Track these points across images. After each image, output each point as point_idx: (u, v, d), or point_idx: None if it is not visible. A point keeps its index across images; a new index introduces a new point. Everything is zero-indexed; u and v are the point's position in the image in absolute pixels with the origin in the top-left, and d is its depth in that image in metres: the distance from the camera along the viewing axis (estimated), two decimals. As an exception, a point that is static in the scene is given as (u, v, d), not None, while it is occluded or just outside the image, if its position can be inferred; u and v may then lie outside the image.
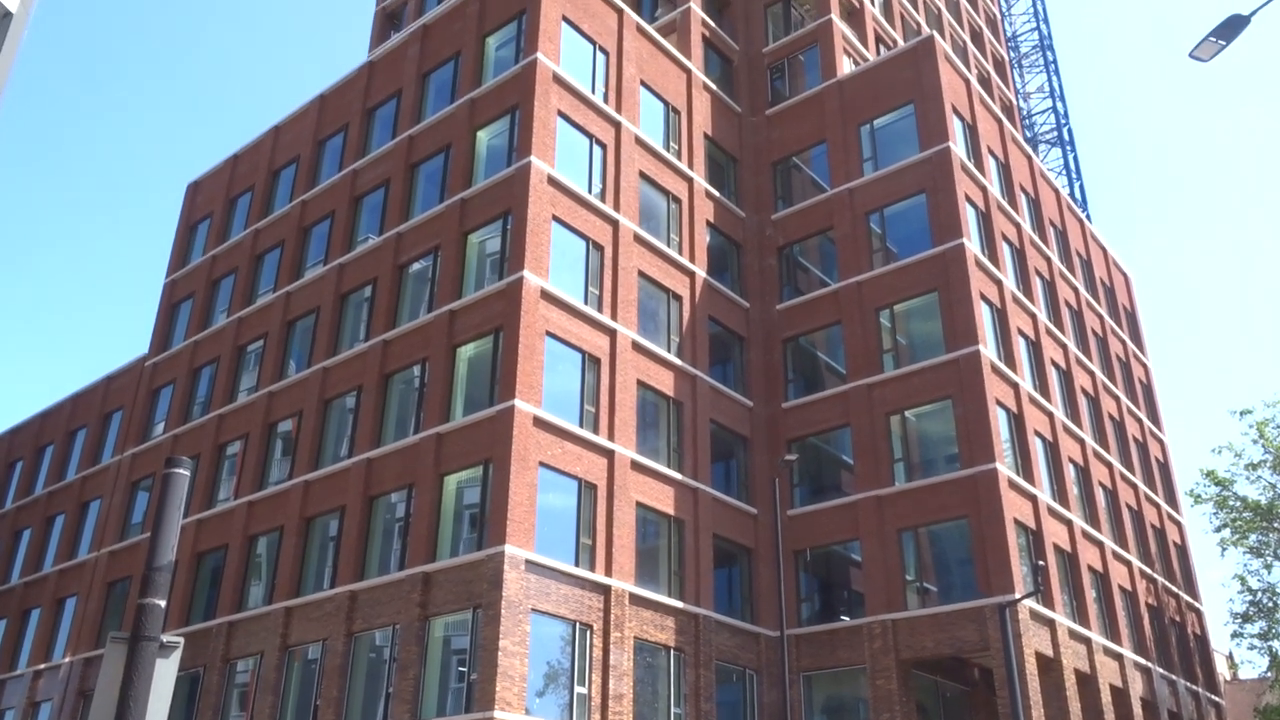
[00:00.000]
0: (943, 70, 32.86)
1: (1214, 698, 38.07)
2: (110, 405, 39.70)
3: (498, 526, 22.10)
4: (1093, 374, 36.88)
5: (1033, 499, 28.52)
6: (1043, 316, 33.97)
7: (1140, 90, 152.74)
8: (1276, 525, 39.45)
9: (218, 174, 39.05)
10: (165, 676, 7.10)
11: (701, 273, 30.87)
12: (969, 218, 31.03)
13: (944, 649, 26.19)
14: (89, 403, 41.17)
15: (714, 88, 34.93)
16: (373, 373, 27.50)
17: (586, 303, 26.46)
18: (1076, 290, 38.16)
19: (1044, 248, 36.16)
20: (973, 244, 30.51)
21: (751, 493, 30.08)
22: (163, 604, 7.19)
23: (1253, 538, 39.80)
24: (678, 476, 27.19)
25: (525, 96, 27.16)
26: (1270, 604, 39.59)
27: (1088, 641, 29.00)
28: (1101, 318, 40.13)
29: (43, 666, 34.96)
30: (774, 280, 33.37)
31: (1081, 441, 33.66)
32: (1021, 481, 28.21)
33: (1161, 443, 42.33)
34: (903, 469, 28.65)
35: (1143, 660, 32.39)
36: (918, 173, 31.63)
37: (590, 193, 27.88)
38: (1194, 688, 36.31)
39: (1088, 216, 54.14)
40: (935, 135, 31.69)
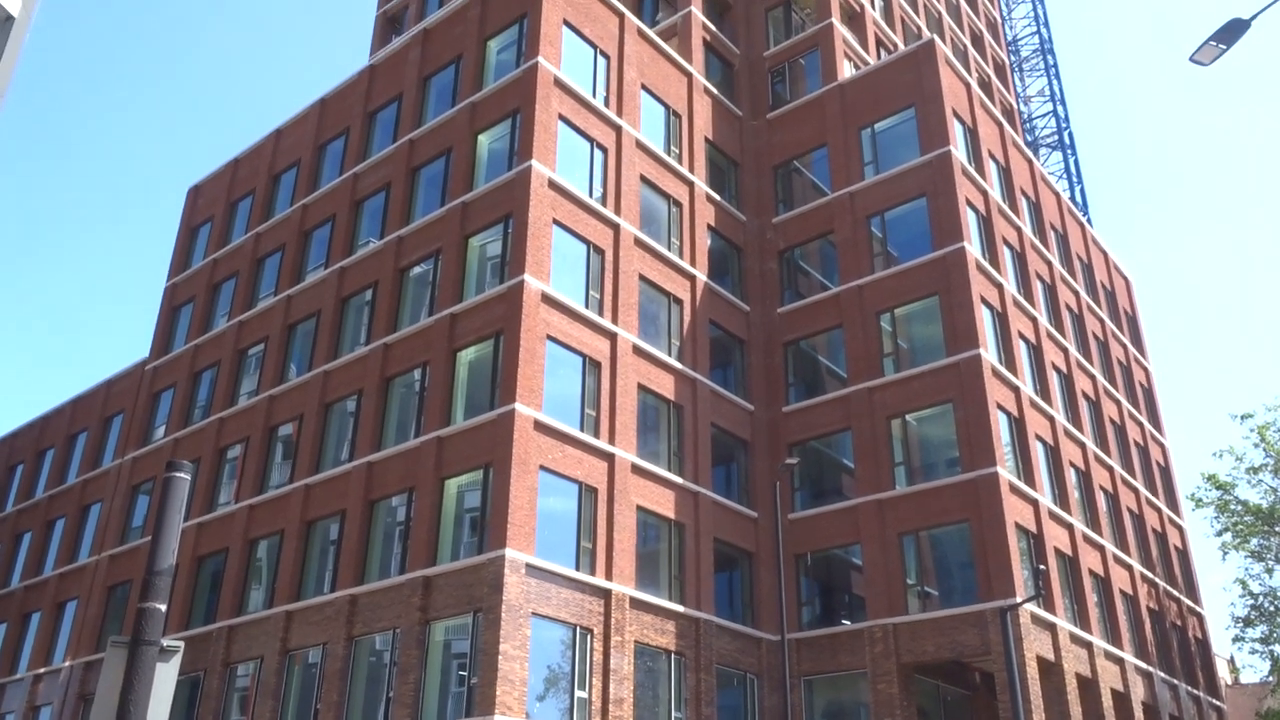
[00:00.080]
0: (943, 74, 32.88)
1: (1215, 702, 38.02)
2: (111, 409, 39.70)
3: (498, 530, 22.09)
4: (1094, 378, 36.86)
5: (1034, 503, 28.49)
6: (1043, 320, 33.97)
7: (1141, 94, 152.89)
8: (1278, 529, 39.40)
9: (218, 178, 39.08)
10: (165, 681, 7.10)
11: (702, 276, 30.88)
12: (970, 221, 31.04)
13: (945, 653, 26.15)
14: (89, 406, 41.17)
15: (715, 91, 34.95)
16: (373, 376, 27.49)
17: (587, 306, 26.46)
18: (1077, 294, 38.16)
19: (1045, 251, 36.16)
20: (973, 248, 30.51)
21: (752, 496, 30.06)
22: (163, 608, 7.18)
23: (1254, 542, 39.75)
24: (678, 480, 27.18)
25: (526, 100, 27.18)
26: (1272, 608, 39.54)
27: (1089, 645, 28.97)
28: (1102, 321, 40.12)
29: (43, 670, 34.92)
30: (775, 284, 33.37)
31: (1082, 445, 33.65)
32: (1022, 485, 28.18)
33: (1162, 446, 42.31)
34: (904, 473, 28.63)
35: (1144, 664, 32.35)
36: (918, 176, 31.64)
37: (591, 196, 27.89)
38: (1195, 692, 36.26)
39: (1088, 220, 54.15)
40: (936, 139, 31.70)
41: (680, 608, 25.74)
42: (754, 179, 35.24)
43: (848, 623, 28.08)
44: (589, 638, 23.11)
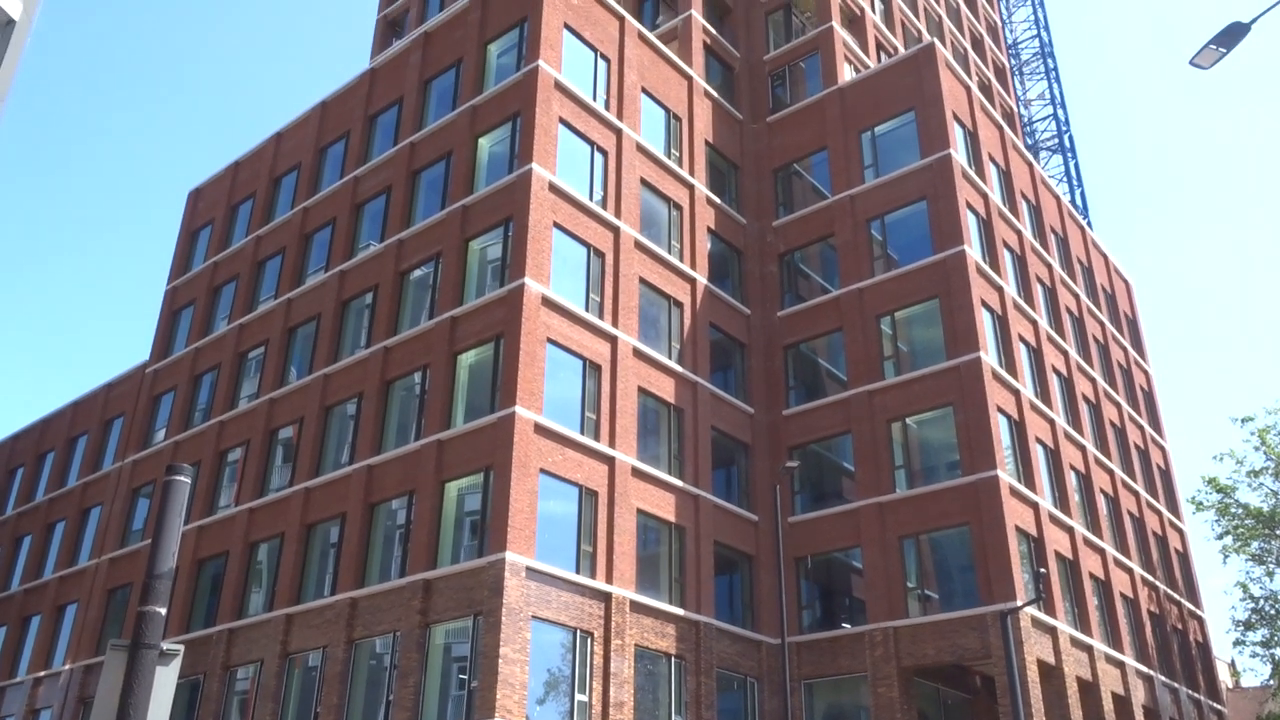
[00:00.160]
0: (944, 77, 32.91)
1: (1216, 705, 37.98)
2: (111, 412, 39.69)
3: (498, 533, 22.08)
4: (1094, 381, 36.86)
5: (1034, 506, 28.48)
6: (1044, 323, 33.97)
7: (1141, 97, 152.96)
8: (1278, 532, 39.39)
9: (219, 181, 39.11)
10: (165, 684, 7.09)
11: (702, 279, 30.88)
12: (970, 224, 31.05)
13: (945, 656, 26.14)
14: (90, 409, 41.16)
15: (715, 95, 34.97)
16: (374, 379, 27.50)
17: (587, 309, 26.47)
18: (1078, 297, 38.17)
19: (1045, 254, 36.17)
20: (974, 251, 30.52)
21: (752, 500, 30.05)
22: (163, 611, 7.18)
23: (1255, 545, 39.75)
24: (678, 483, 27.17)
25: (527, 103, 27.20)
26: (1272, 611, 39.51)
27: (1089, 649, 28.95)
28: (1103, 324, 40.13)
29: (43, 674, 34.90)
30: (775, 287, 33.38)
31: (1083, 448, 33.64)
32: (1023, 488, 28.17)
33: (1163, 449, 42.30)
34: (904, 476, 28.62)
35: (1145, 668, 32.33)
36: (919, 180, 31.66)
37: (591, 199, 27.91)
38: (1196, 695, 36.23)
39: (1089, 223, 54.17)
40: (936, 142, 31.72)
41: (680, 611, 25.72)
42: (754, 182, 35.26)
43: (848, 626, 28.06)
44: (589, 641, 23.09)
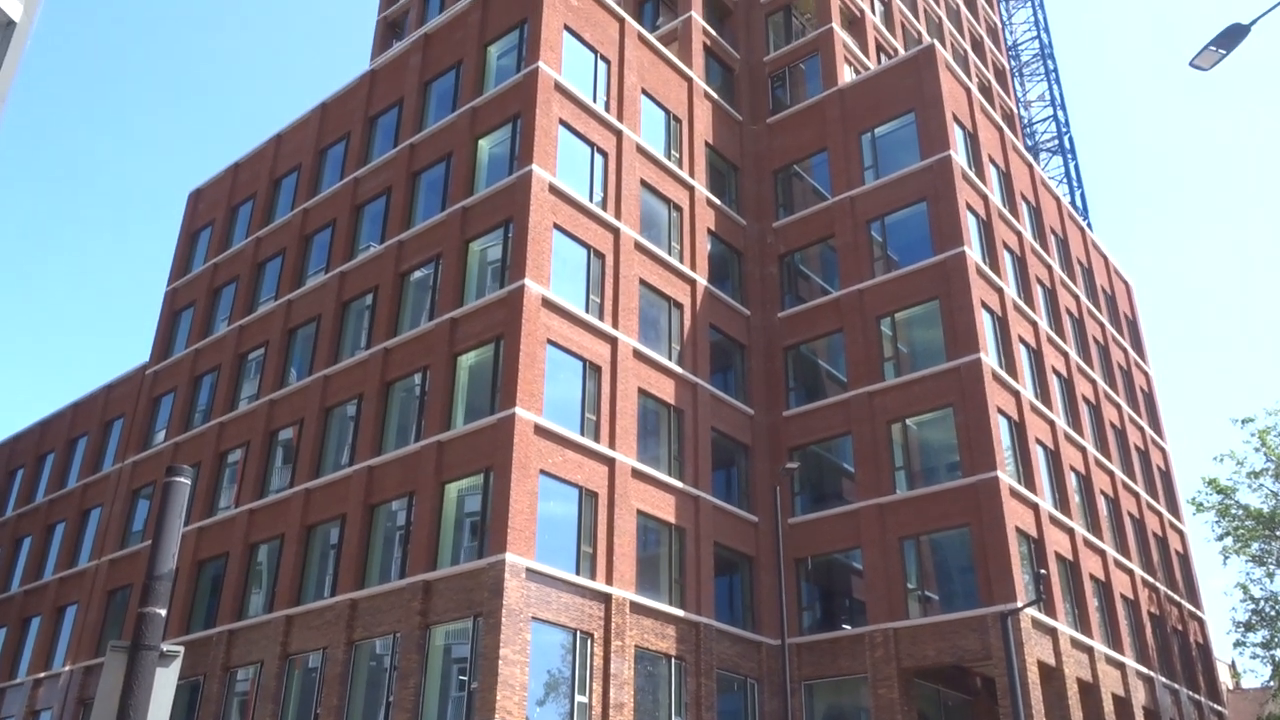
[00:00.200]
0: (943, 79, 32.91)
1: (1217, 707, 37.98)
2: (111, 413, 39.69)
3: (498, 534, 22.08)
4: (1094, 382, 36.86)
5: (1034, 507, 28.48)
6: (1044, 324, 33.97)
7: (1141, 98, 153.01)
8: (1279, 534, 39.38)
9: (219, 182, 39.11)
10: (165, 685, 7.10)
11: (702, 281, 30.89)
12: (970, 226, 31.06)
13: (946, 658, 26.13)
14: (90, 411, 41.16)
15: (715, 96, 34.98)
16: (374, 381, 27.50)
17: (588, 311, 26.47)
18: (1078, 298, 38.17)
19: (1045, 256, 36.17)
20: (974, 252, 30.53)
21: (752, 501, 30.04)
22: (163, 613, 7.18)
23: (1255, 546, 39.75)
24: (679, 484, 27.17)
25: (527, 105, 27.21)
26: (1273, 613, 39.51)
27: (1090, 650, 28.94)
28: (1103, 326, 40.13)
29: (43, 675, 34.89)
30: (775, 288, 33.38)
31: (1083, 450, 33.63)
32: (1023, 490, 28.17)
33: (1163, 451, 42.29)
34: (904, 477, 28.62)
35: (1145, 669, 32.32)
36: (919, 181, 31.66)
37: (591, 201, 27.91)
38: (1196, 697, 36.22)
39: (1089, 224, 54.16)
40: (936, 143, 31.73)
41: (681, 612, 25.72)
42: (754, 183, 35.26)
43: (848, 627, 28.05)
44: (589, 642, 23.08)
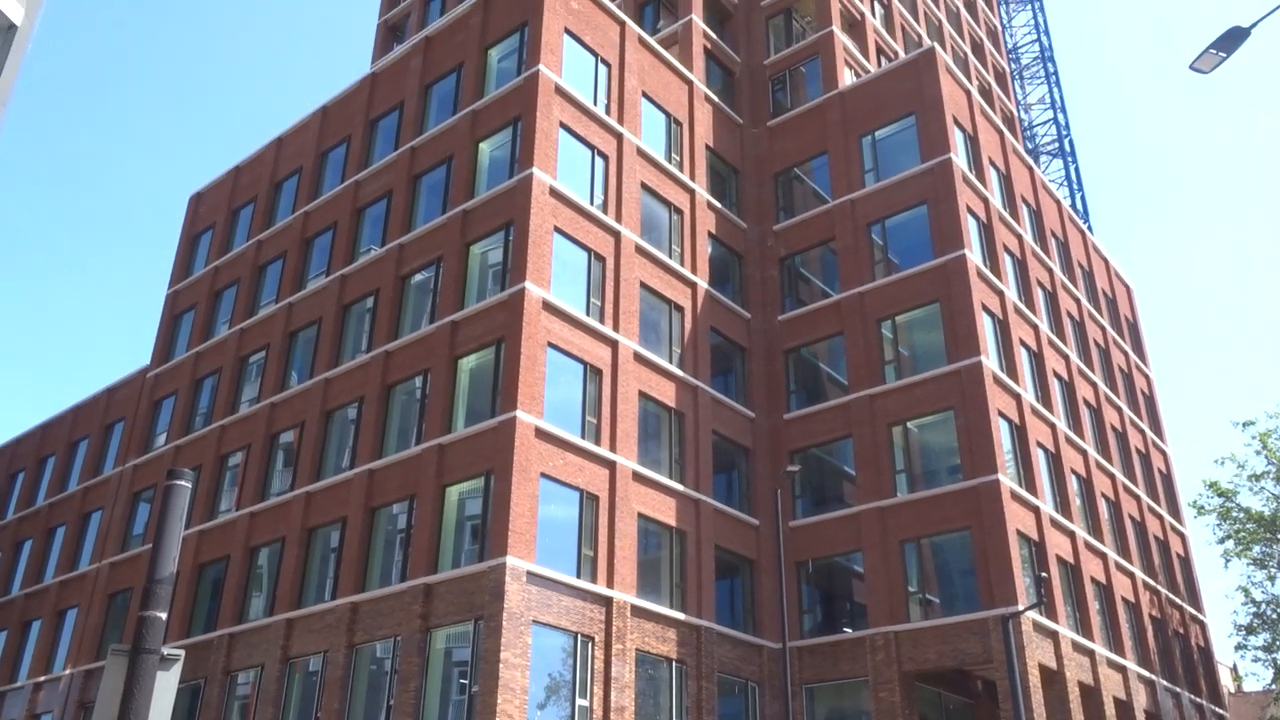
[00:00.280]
0: (944, 81, 32.93)
1: (1218, 710, 37.93)
2: (112, 416, 39.70)
3: (499, 538, 22.06)
4: (1095, 385, 36.85)
5: (1035, 510, 28.46)
6: (1045, 327, 33.96)
7: (1141, 101, 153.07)
8: (1280, 536, 39.36)
9: (220, 185, 39.14)
10: (166, 689, 7.09)
11: (703, 284, 30.89)
12: (970, 229, 31.06)
13: (947, 661, 26.11)
14: (91, 414, 41.17)
15: (715, 99, 35.00)
16: (374, 384, 27.50)
17: (588, 314, 26.47)
18: (1078, 301, 38.16)
19: (1046, 259, 36.17)
20: (974, 255, 30.53)
21: (753, 504, 30.03)
22: (164, 616, 7.18)
23: (1256, 549, 39.72)
24: (679, 488, 27.16)
25: (527, 108, 27.22)
26: (1274, 616, 39.48)
27: (1091, 653, 28.91)
28: (1103, 329, 40.13)
29: (43, 679, 34.87)
30: (776, 291, 33.38)
31: (1084, 453, 33.61)
32: (1024, 493, 28.15)
33: (1164, 454, 42.27)
34: (905, 480, 28.60)
35: (1146, 672, 32.28)
36: (919, 184, 31.67)
37: (592, 204, 27.92)
38: (1198, 700, 36.18)
39: (1089, 227, 54.16)
40: (936, 146, 31.74)
41: (681, 615, 25.70)
42: (755, 186, 35.28)
43: (849, 630, 28.03)
44: (590, 645, 23.07)
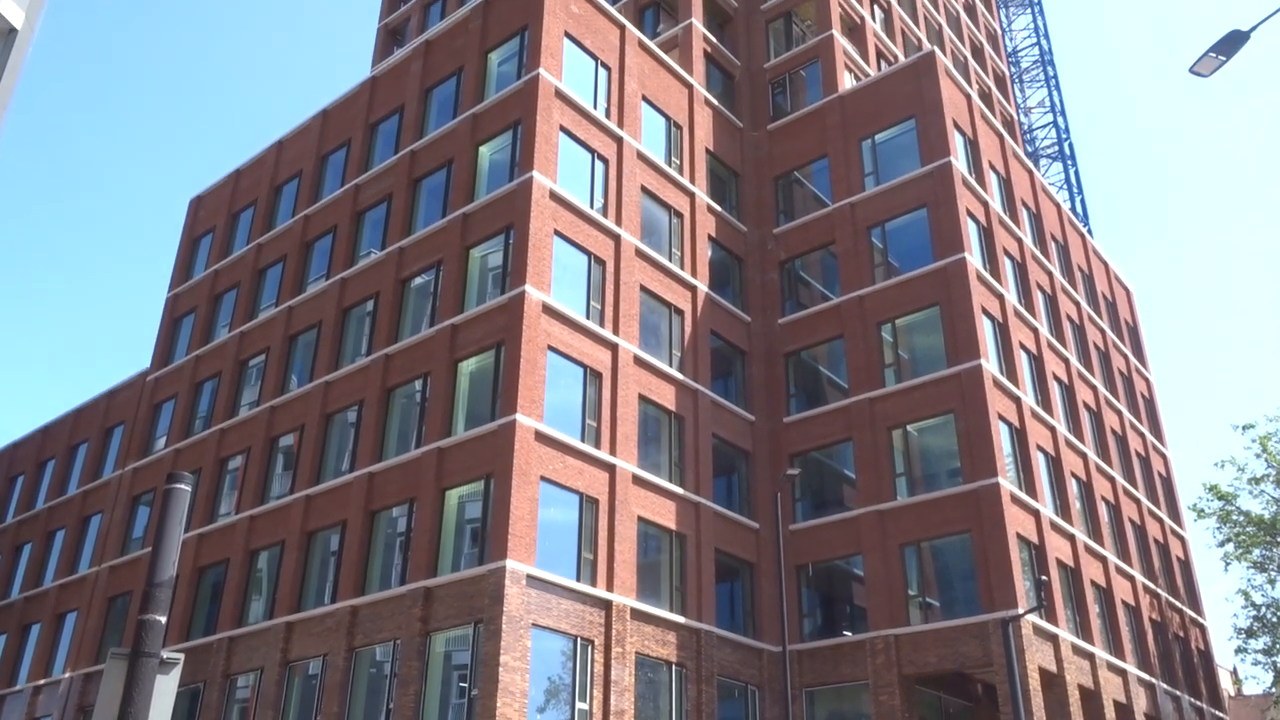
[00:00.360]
0: (944, 85, 32.96)
1: (1218, 714, 37.89)
2: (112, 420, 39.70)
3: (499, 541, 22.06)
4: (1095, 388, 36.85)
5: (1035, 513, 28.45)
6: (1044, 331, 33.97)
7: (1141, 104, 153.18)
8: (1279, 540, 39.35)
9: (220, 189, 39.16)
10: (165, 692, 7.09)
11: (703, 287, 30.90)
12: (970, 232, 31.08)
13: (947, 664, 26.09)
14: (90, 417, 41.16)
15: (715, 103, 35.03)
16: (374, 387, 27.50)
17: (588, 317, 26.48)
18: (1078, 304, 38.17)
19: (1045, 262, 36.18)
20: (974, 258, 30.54)
21: (753, 507, 30.02)
22: (163, 620, 7.18)
23: (1256, 552, 39.69)
24: (679, 491, 27.15)
25: (527, 112, 27.24)
26: (1274, 619, 39.45)
27: (1091, 657, 28.89)
28: (1103, 332, 40.14)
29: (42, 682, 34.85)
30: (776, 294, 33.39)
31: (1084, 456, 33.60)
32: (1024, 496, 28.15)
33: (1164, 457, 42.26)
34: (905, 483, 28.60)
35: (1147, 676, 32.26)
36: (919, 187, 31.69)
37: (592, 207, 27.93)
38: (1198, 703, 36.15)
39: (1089, 231, 54.21)
40: (936, 150, 31.76)
41: (681, 619, 25.68)
42: (755, 190, 35.30)
43: (849, 634, 28.01)
44: (590, 649, 23.05)
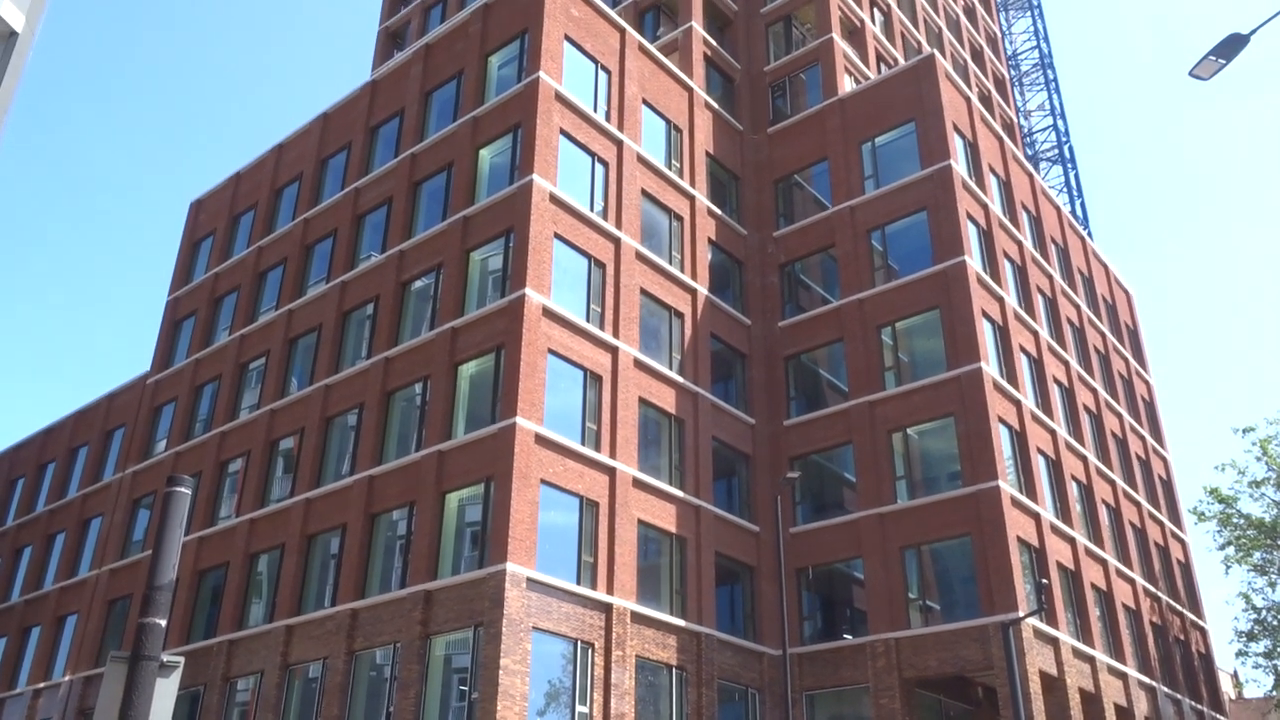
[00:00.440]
0: (944, 88, 32.98)
1: (1219, 717, 37.85)
2: (112, 423, 39.70)
3: (499, 544, 22.05)
4: (1095, 391, 36.84)
5: (1035, 517, 28.44)
6: (1045, 334, 33.97)
7: (1141, 107, 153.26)
8: (1280, 543, 39.31)
9: (221, 192, 39.18)
10: (165, 695, 7.10)
11: (703, 290, 30.91)
12: (970, 235, 31.08)
13: (947, 668, 26.07)
14: (91, 420, 41.16)
15: (716, 106, 35.05)
16: (374, 390, 27.50)
17: (588, 320, 26.48)
18: (1078, 307, 38.17)
19: (1045, 265, 36.19)
20: (974, 261, 30.54)
21: (753, 510, 30.01)
22: (163, 623, 7.18)
23: (1257, 555, 39.66)
24: (679, 494, 27.14)
25: (527, 115, 27.26)
26: (1275, 622, 39.41)
27: (1091, 660, 28.87)
28: (1103, 335, 40.13)
29: (43, 685, 34.82)
30: (776, 297, 33.40)
31: (1084, 459, 33.59)
32: (1024, 499, 28.14)
33: (1164, 460, 42.24)
34: (905, 487, 28.59)
35: (1147, 679, 32.23)
36: (919, 190, 31.70)
37: (592, 210, 27.95)
38: (1199, 707, 36.11)
39: (1089, 234, 54.23)
40: (936, 153, 31.77)
41: (682, 622, 25.67)
42: (755, 193, 35.31)
43: (849, 637, 27.99)
44: (590, 652, 23.04)
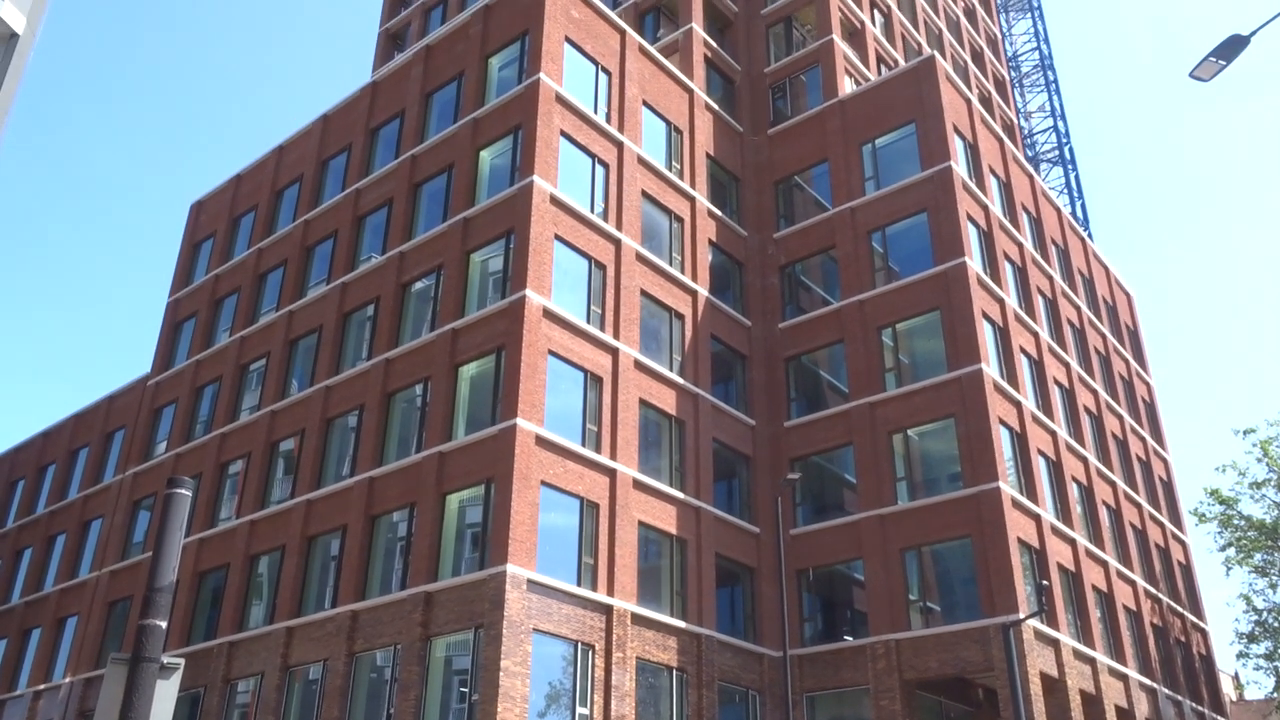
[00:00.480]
0: (944, 90, 32.98)
1: (1220, 718, 37.83)
2: (112, 424, 39.69)
3: (499, 546, 22.05)
4: (1096, 392, 36.83)
5: (1036, 518, 28.43)
6: (1045, 335, 33.96)
7: (1141, 108, 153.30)
8: (1281, 544, 39.28)
9: (221, 193, 39.19)
10: (165, 697, 7.09)
11: (704, 291, 30.91)
12: (971, 236, 31.08)
13: (948, 669, 26.06)
14: (91, 422, 41.16)
15: (716, 107, 35.06)
16: (375, 392, 27.50)
17: (589, 321, 26.49)
18: (1079, 309, 38.17)
19: (1046, 266, 36.19)
20: (975, 263, 30.54)
21: (754, 512, 30.00)
22: (164, 625, 7.18)
23: (1258, 557, 39.64)
24: (680, 495, 27.14)
25: (528, 116, 27.27)
26: (1276, 624, 39.39)
27: (1092, 662, 28.85)
28: (1104, 336, 40.13)
29: (43, 687, 34.80)
30: (776, 299, 33.40)
31: (1085, 460, 33.58)
32: (1025, 500, 28.13)
33: (1165, 461, 42.23)
34: (905, 488, 28.58)
35: (1148, 681, 32.21)
36: (919, 192, 31.70)
37: (593, 212, 27.95)
38: (1200, 708, 36.10)
39: (1089, 235, 54.23)
40: (937, 154, 31.77)
41: (682, 623, 25.66)
42: (755, 194, 35.32)
43: (850, 639, 27.98)
44: (590, 654, 23.03)
